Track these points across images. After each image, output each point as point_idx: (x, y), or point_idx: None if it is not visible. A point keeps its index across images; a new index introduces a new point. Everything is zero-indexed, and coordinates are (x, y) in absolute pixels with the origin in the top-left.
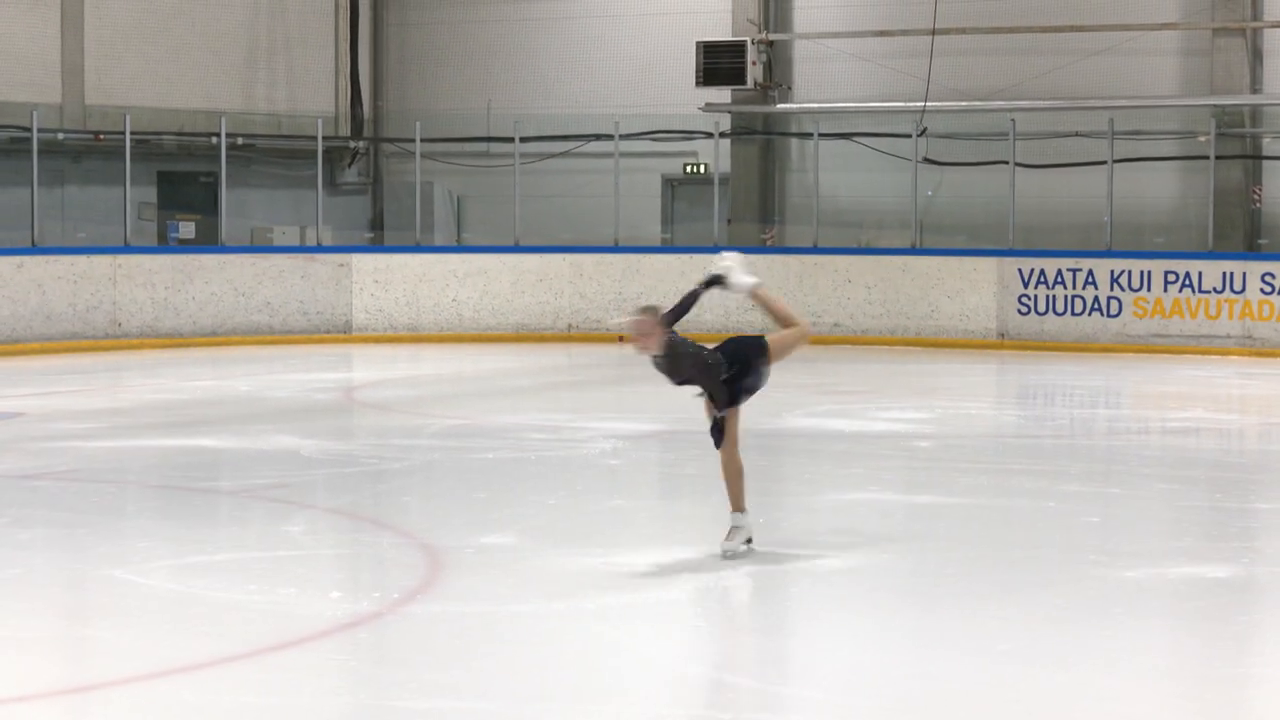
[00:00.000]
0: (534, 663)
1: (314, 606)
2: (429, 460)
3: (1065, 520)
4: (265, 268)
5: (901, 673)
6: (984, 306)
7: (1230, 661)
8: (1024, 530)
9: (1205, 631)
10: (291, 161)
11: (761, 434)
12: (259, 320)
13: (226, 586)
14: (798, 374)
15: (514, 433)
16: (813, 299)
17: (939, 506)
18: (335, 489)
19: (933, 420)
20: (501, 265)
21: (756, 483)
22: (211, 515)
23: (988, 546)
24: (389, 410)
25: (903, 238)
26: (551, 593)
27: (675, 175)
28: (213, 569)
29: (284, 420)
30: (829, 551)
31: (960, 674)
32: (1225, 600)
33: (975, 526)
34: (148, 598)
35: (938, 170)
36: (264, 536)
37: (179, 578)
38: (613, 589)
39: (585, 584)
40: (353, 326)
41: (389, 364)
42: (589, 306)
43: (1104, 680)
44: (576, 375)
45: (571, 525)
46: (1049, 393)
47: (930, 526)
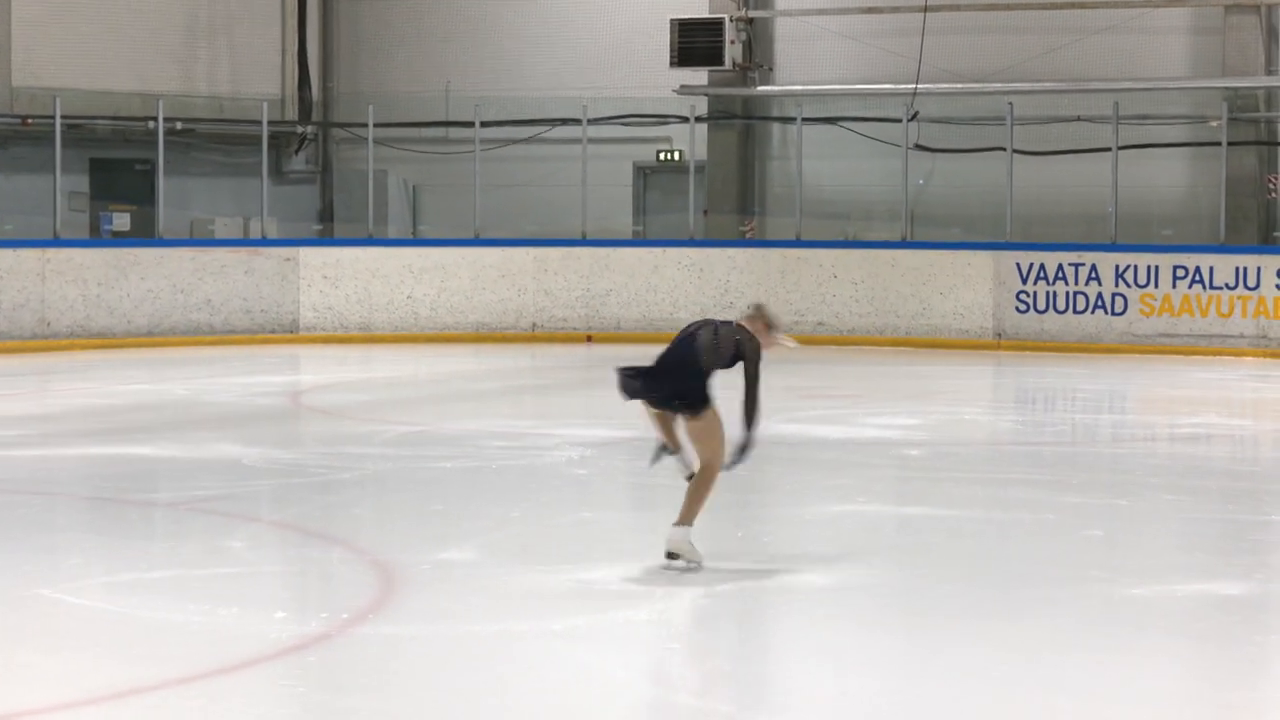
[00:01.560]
0: (495, 688)
1: (258, 628)
2: (382, 470)
3: (1067, 534)
4: (206, 262)
5: (889, 699)
6: (979, 304)
7: (1245, 685)
8: (1022, 545)
9: (1217, 654)
10: (234, 148)
11: None
12: (199, 319)
13: (163, 606)
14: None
15: (473, 440)
16: (795, 296)
17: (931, 519)
18: (281, 501)
19: (925, 427)
20: (460, 260)
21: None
22: (147, 529)
23: (984, 562)
24: (339, 416)
25: (892, 230)
26: (514, 613)
27: (648, 163)
28: (148, 587)
29: (225, 427)
30: (813, 567)
31: (953, 701)
32: (1238, 620)
33: (970, 541)
34: (79, 618)
35: (930, 157)
36: (204, 552)
37: (112, 597)
38: (580, 608)
39: (550, 603)
40: (300, 325)
41: (339, 366)
42: (554, 304)
43: (1108, 707)
44: (541, 378)
45: (535, 540)
46: (1049, 397)
47: (922, 541)
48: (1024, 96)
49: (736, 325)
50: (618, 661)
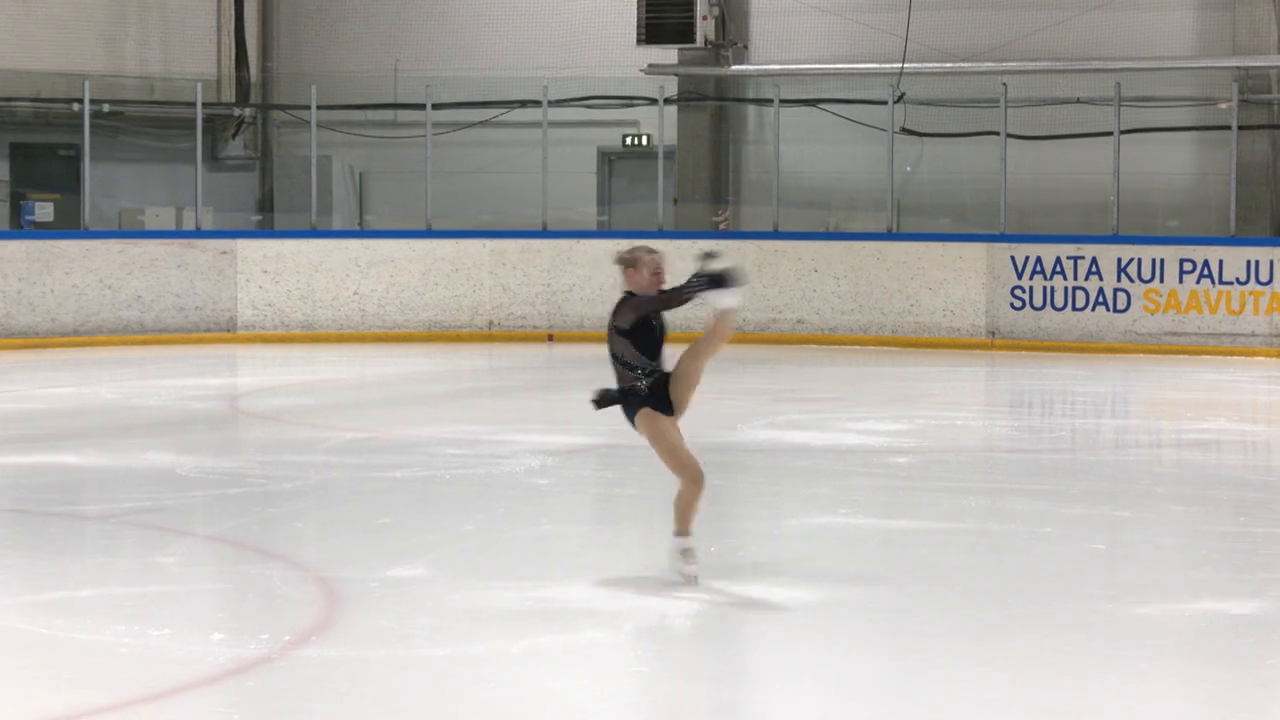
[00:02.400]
0: (450, 716)
1: (193, 650)
2: (326, 480)
3: (1066, 548)
4: (136, 256)
5: None
6: (971, 300)
7: (1257, 711)
8: (1018, 560)
9: (1227, 677)
10: (166, 132)
11: (714, 448)
12: (128, 317)
13: (91, 627)
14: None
15: (425, 448)
16: (773, 291)
17: (919, 533)
18: (217, 513)
19: (913, 432)
20: (411, 253)
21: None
22: (73, 544)
23: (976, 579)
24: (279, 421)
25: (877, 220)
26: (470, 634)
27: (613, 148)
28: (74, 607)
29: (158, 434)
30: (792, 584)
31: None
32: (1251, 640)
33: (962, 556)
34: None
35: (917, 142)
36: (135, 569)
37: (35, 617)
38: (542, 629)
39: (509, 624)
40: (238, 324)
41: (280, 367)
42: (512, 300)
43: None
44: (498, 380)
45: (492, 555)
46: (1047, 400)
47: (909, 556)
48: (1019, 77)
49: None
50: (581, 686)
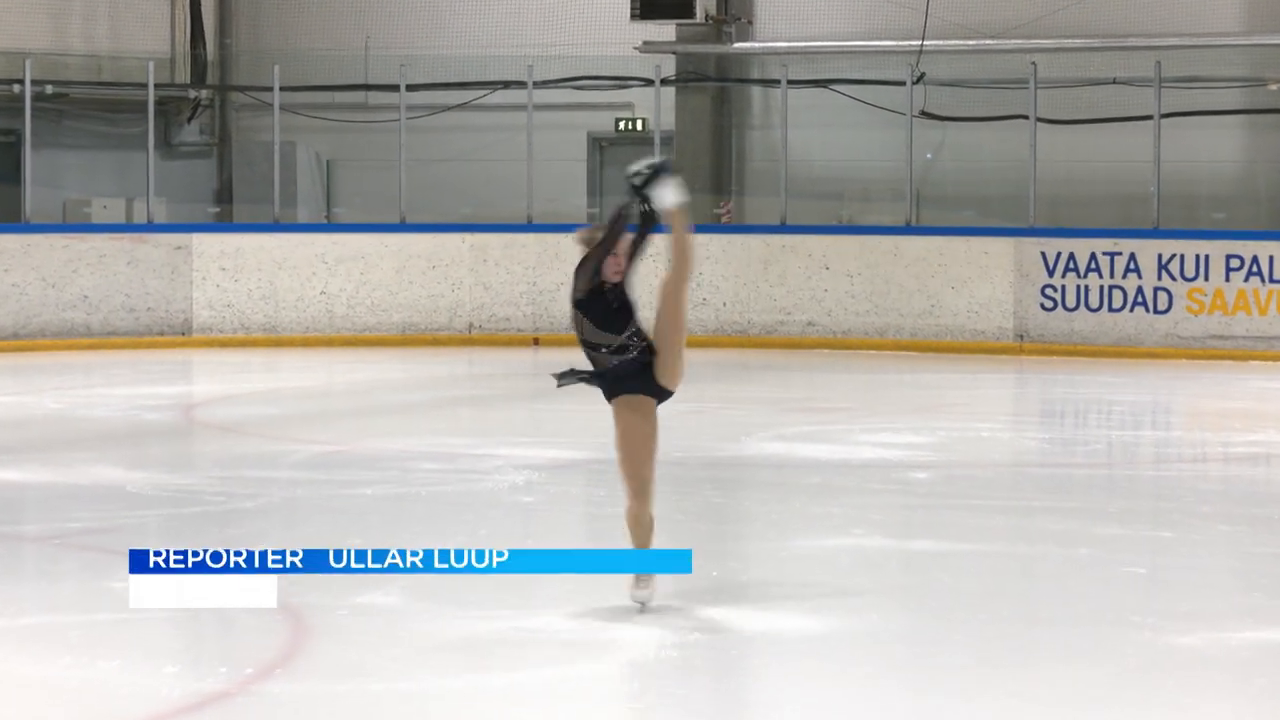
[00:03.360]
0: None
1: (144, 684)
2: (290, 497)
3: (1102, 572)
4: (82, 251)
5: None
6: (998, 300)
7: None
8: (1050, 585)
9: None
10: (115, 116)
11: (717, 462)
12: (73, 319)
13: (33, 659)
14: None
15: (399, 462)
16: (780, 291)
17: (941, 555)
18: (172, 534)
19: (934, 445)
20: (383, 248)
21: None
22: (13, 568)
23: (1004, 606)
24: (239, 433)
25: (895, 213)
26: (447, 667)
27: (605, 133)
28: (15, 636)
29: (106, 447)
30: (801, 612)
31: None
32: None
33: (987, 580)
34: None
35: (939, 127)
36: (80, 595)
37: None
38: (523, 662)
39: (491, 655)
40: (194, 326)
41: (240, 374)
42: (495, 301)
43: None
44: (479, 388)
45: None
46: (1080, 410)
47: (930, 580)
48: (1050, 55)
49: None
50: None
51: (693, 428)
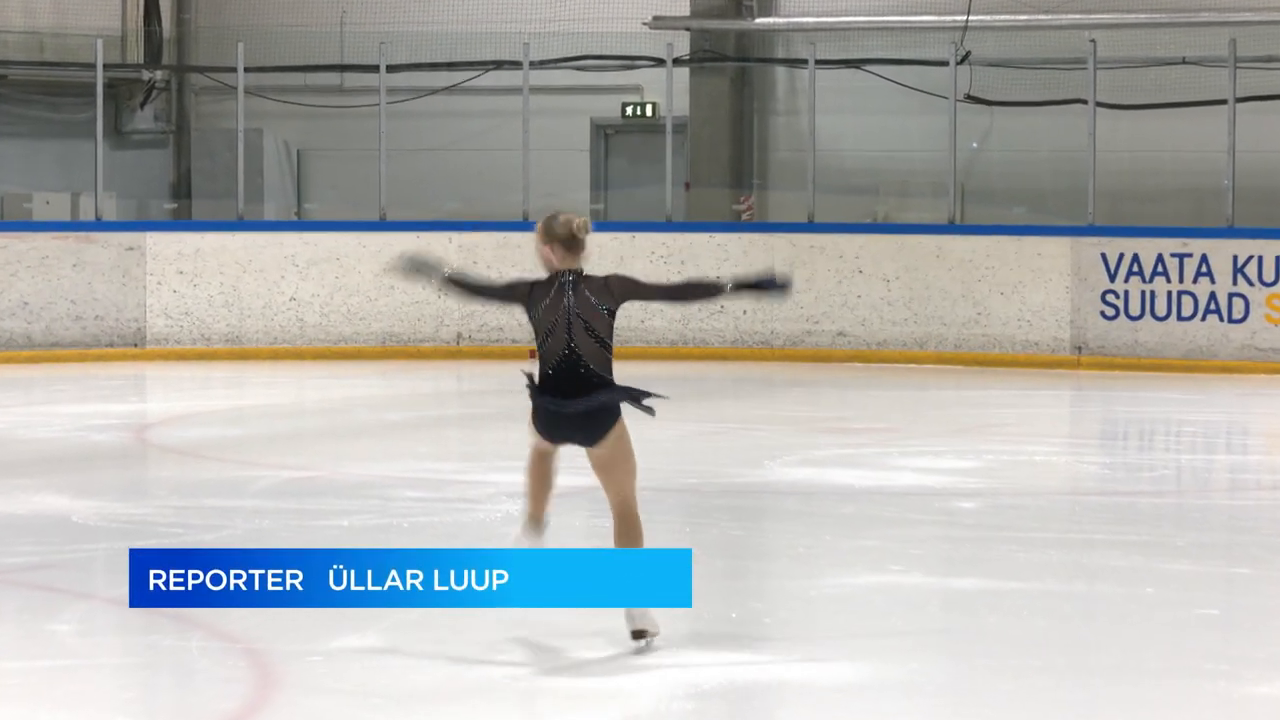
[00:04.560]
0: None
1: None
2: (256, 529)
3: (1170, 613)
4: (21, 252)
5: None
6: (1053, 308)
7: None
8: (1111, 628)
9: None
10: (59, 100)
11: (737, 490)
12: (12, 328)
13: None
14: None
15: (379, 489)
16: (807, 297)
17: (989, 595)
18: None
19: (980, 470)
20: (361, 249)
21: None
22: None
23: (1059, 653)
24: (199, 457)
25: (936, 210)
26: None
27: (611, 119)
28: None
29: (49, 472)
30: (831, 659)
31: None
32: None
33: (1041, 623)
34: None
35: (986, 113)
36: (19, 639)
37: None
38: (521, 713)
39: (481, 707)
40: (147, 337)
41: (199, 391)
42: (486, 308)
43: None
44: (469, 407)
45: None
46: (1146, 431)
47: (976, 624)
48: (1111, 31)
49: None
50: None
51: (710, 451)
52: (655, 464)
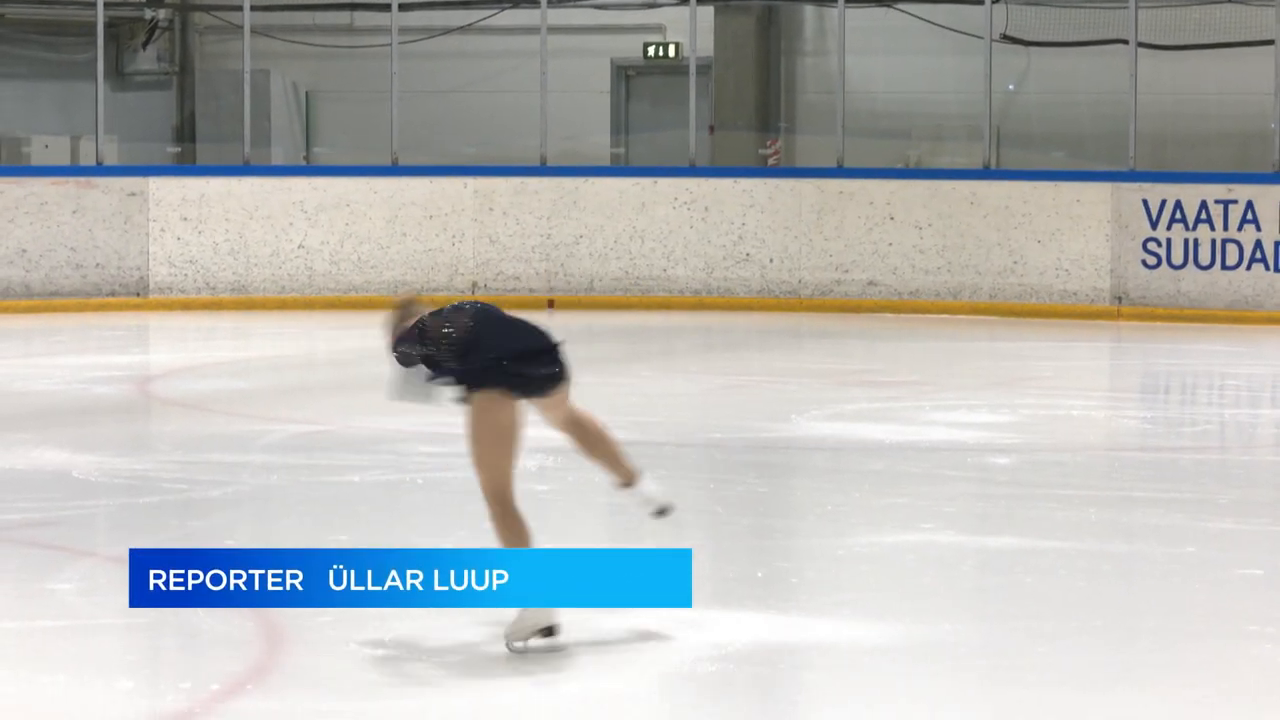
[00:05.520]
0: None
1: (94, 702)
2: (264, 485)
3: (1213, 574)
4: (19, 198)
5: None
6: (1092, 256)
7: None
8: (1152, 588)
9: None
10: (58, 40)
11: (761, 445)
12: (10, 276)
13: None
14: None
15: (391, 444)
16: (837, 245)
17: (1025, 554)
18: (125, 527)
19: (1016, 425)
20: (372, 195)
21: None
22: None
23: (1097, 613)
24: (204, 410)
25: (971, 154)
26: (448, 682)
27: (632, 60)
28: None
29: (48, 426)
30: (861, 620)
31: None
32: None
33: (1079, 584)
34: None
35: (1022, 53)
36: (18, 599)
37: None
38: (539, 676)
39: (498, 669)
40: (150, 285)
41: (205, 342)
42: (502, 256)
43: None
44: None
45: None
46: (1188, 384)
47: (1011, 584)
48: None
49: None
50: None
51: (736, 405)
52: (679, 418)
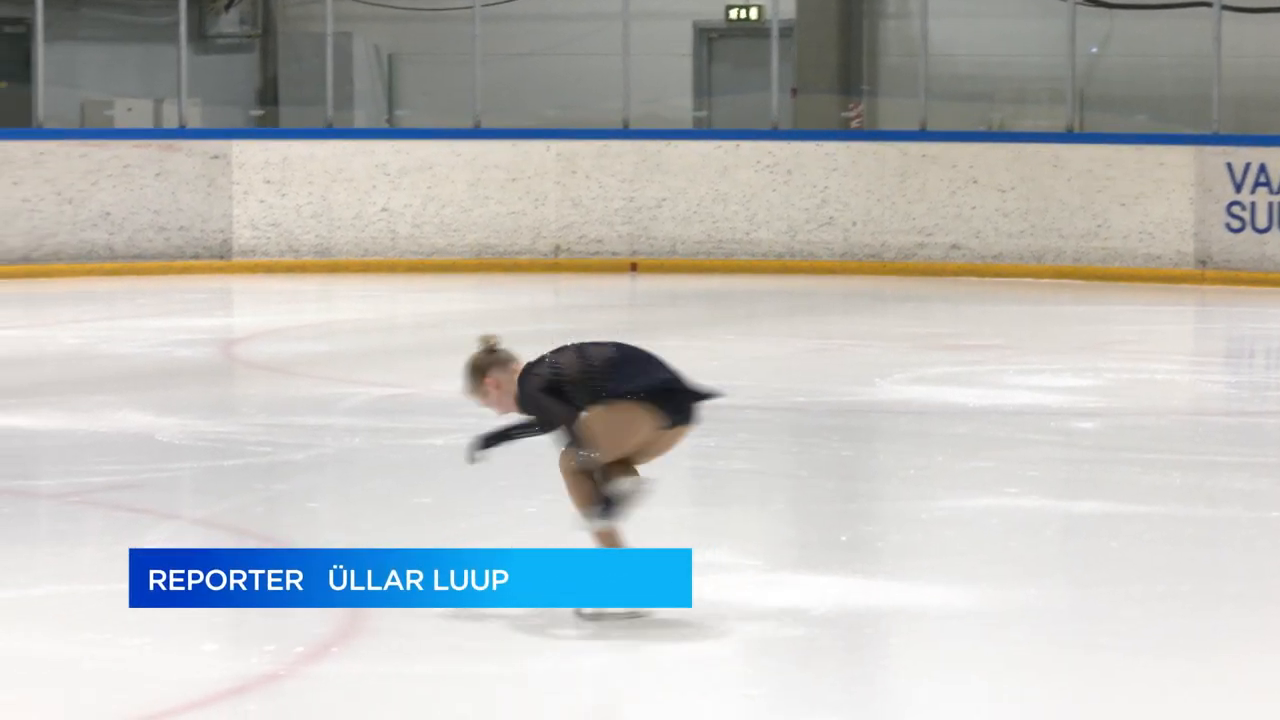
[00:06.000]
0: None
1: (178, 665)
2: (348, 448)
3: None
4: (103, 161)
5: None
6: (1176, 220)
7: None
8: (1237, 553)
9: None
10: (141, 3)
11: (845, 409)
12: (93, 239)
13: (48, 635)
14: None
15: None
16: (919, 208)
17: (1109, 518)
18: (209, 490)
19: (1100, 389)
20: (455, 158)
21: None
22: (25, 529)
23: (1183, 579)
24: (288, 374)
25: (1054, 117)
26: (531, 645)
27: (714, 23)
28: (28, 610)
29: (132, 389)
30: (944, 585)
31: None
32: None
33: (1164, 548)
34: None
35: (1106, 15)
36: (103, 561)
37: None
38: (620, 640)
39: (582, 633)
40: (234, 249)
41: (288, 305)
42: (585, 219)
43: None
44: (568, 321)
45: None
46: (1272, 349)
47: (1096, 548)
48: None
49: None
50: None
51: (819, 368)
52: (763, 382)
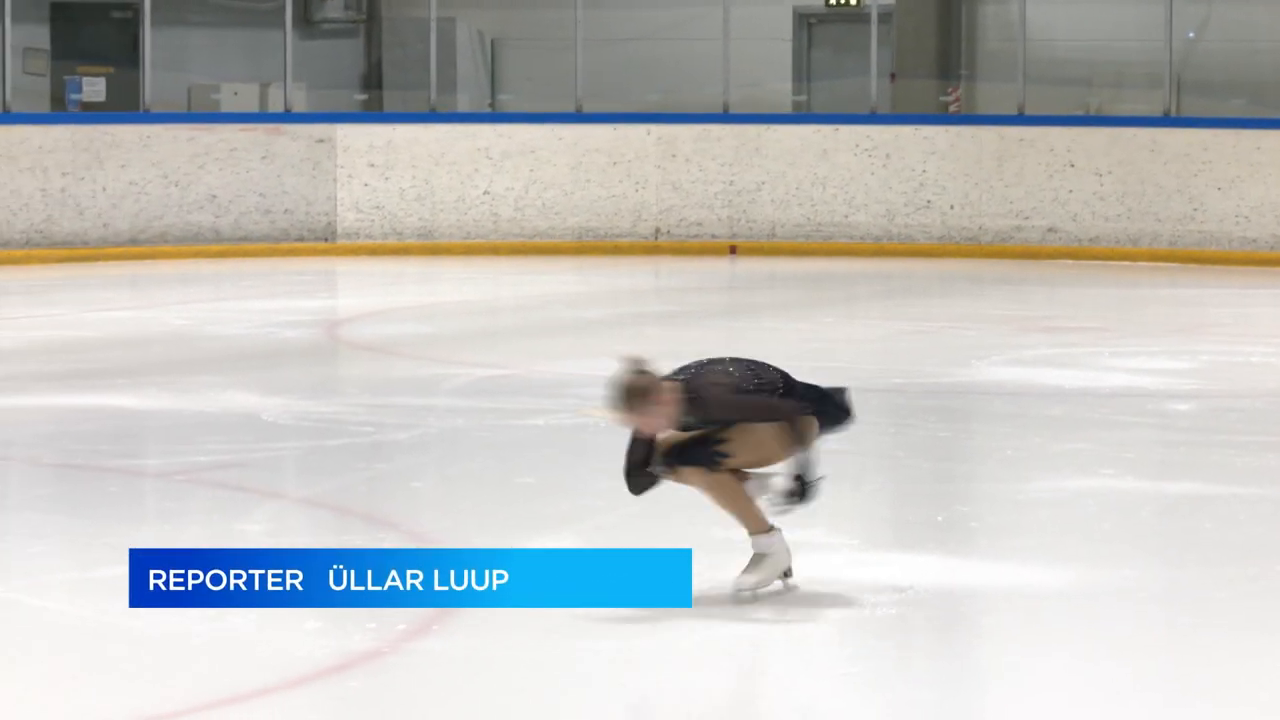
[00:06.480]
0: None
1: (283, 642)
2: (450, 428)
3: None
4: (209, 144)
5: None
6: (1273, 204)
7: None
8: None
9: None
10: None
11: (942, 390)
12: (200, 222)
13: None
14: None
15: (576, 388)
16: (1017, 191)
17: (1206, 500)
18: (312, 470)
19: (1196, 371)
20: (557, 142)
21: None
22: (131, 508)
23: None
24: (391, 355)
25: (1151, 101)
26: (632, 623)
27: (814, 8)
28: None
29: (237, 369)
30: (1039, 565)
31: None
32: None
33: (1261, 530)
34: (41, 627)
35: (1204, 1)
36: (208, 539)
37: (85, 598)
38: (722, 619)
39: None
40: (338, 231)
41: (391, 287)
42: (685, 203)
43: None
44: (668, 304)
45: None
46: None
47: (1192, 530)
48: None
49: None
50: (774, 689)
51: (917, 350)
52: (860, 364)
